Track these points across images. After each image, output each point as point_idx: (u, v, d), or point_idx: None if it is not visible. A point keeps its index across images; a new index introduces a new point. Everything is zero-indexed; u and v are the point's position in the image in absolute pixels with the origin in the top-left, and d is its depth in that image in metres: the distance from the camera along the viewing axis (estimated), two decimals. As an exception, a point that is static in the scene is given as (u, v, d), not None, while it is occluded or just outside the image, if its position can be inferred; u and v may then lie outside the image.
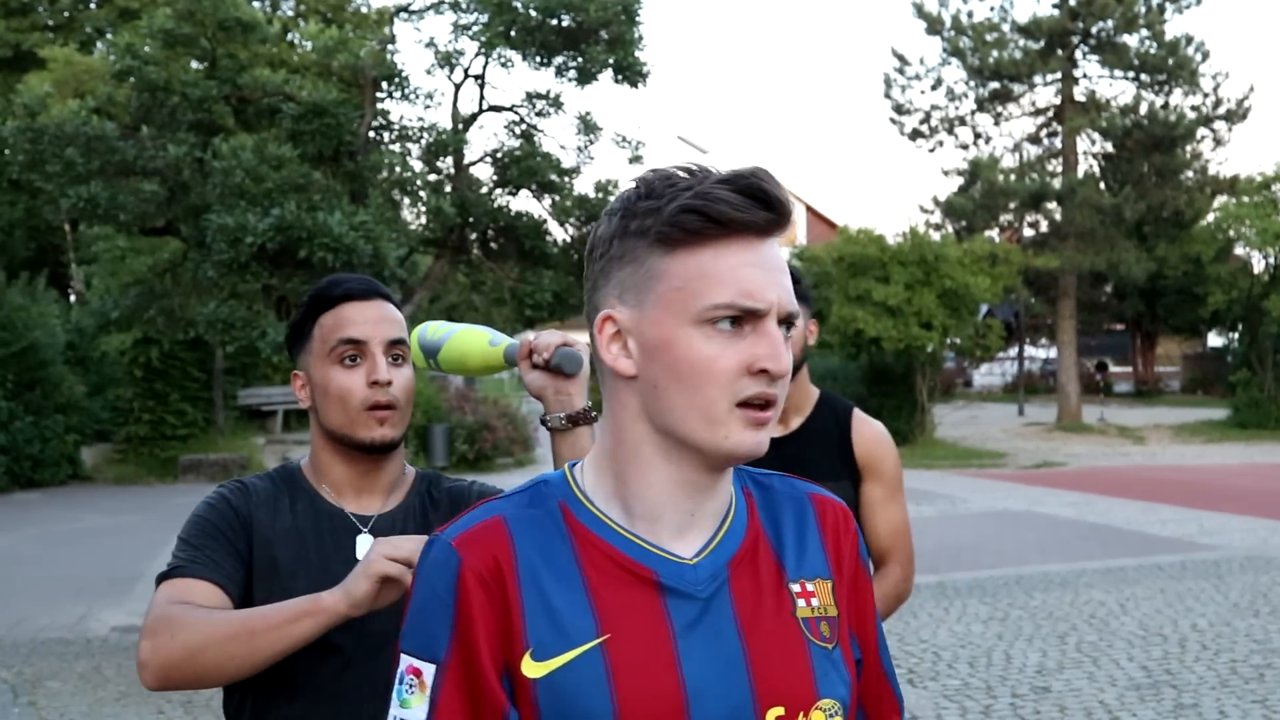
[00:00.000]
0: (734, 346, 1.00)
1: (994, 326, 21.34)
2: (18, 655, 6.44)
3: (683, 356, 1.01)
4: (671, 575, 1.04)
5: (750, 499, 1.13)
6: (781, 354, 1.00)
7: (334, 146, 8.19)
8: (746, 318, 1.00)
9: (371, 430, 1.63)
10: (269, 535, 1.63)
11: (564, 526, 1.05)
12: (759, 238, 1.01)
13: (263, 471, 1.76)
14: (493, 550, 1.02)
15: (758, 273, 1.00)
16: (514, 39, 8.46)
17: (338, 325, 1.64)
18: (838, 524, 1.15)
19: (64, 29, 21.64)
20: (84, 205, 8.00)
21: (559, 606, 1.01)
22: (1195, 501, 12.70)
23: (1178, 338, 37.60)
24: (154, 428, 16.23)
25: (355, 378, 1.63)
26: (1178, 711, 5.23)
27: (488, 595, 1.01)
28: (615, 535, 1.05)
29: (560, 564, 1.03)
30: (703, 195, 0.99)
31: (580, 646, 1.00)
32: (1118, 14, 23.96)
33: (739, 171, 1.01)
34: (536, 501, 1.07)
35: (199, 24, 8.16)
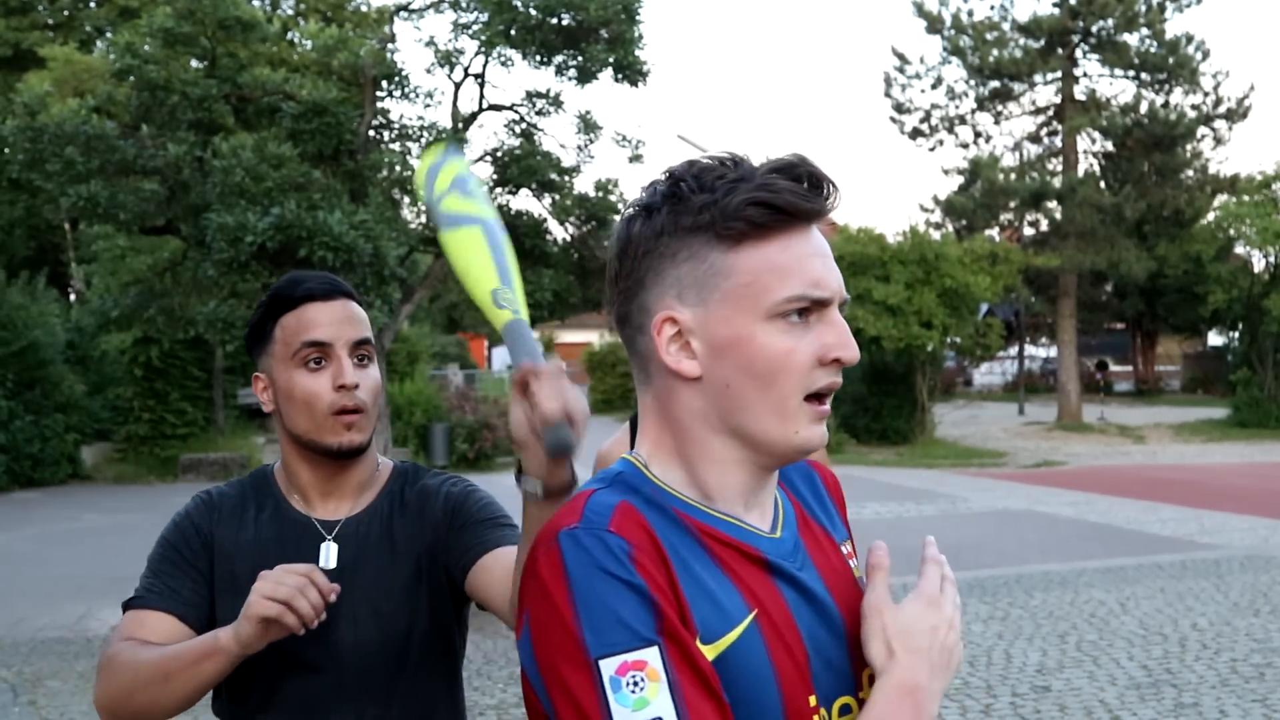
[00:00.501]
0: (805, 338, 0.99)
1: (994, 326, 21.34)
2: (18, 654, 6.44)
3: (758, 353, 0.99)
4: (771, 550, 1.04)
5: None
6: (851, 340, 1.01)
7: (334, 145, 8.19)
8: (813, 308, 1.00)
9: (339, 435, 1.58)
10: (231, 549, 1.60)
11: (671, 510, 1.02)
12: (810, 225, 1.01)
13: (235, 478, 1.74)
14: (646, 532, 0.96)
15: (820, 262, 1.00)
16: (514, 38, 8.46)
17: (300, 327, 1.58)
18: (835, 485, 1.22)
19: (64, 28, 21.64)
20: (84, 204, 8.00)
21: (712, 587, 0.98)
22: (1195, 501, 12.70)
23: (1178, 337, 37.61)
24: (154, 427, 16.23)
25: (320, 381, 1.57)
26: (1178, 710, 5.23)
27: (663, 578, 0.94)
28: (713, 518, 1.03)
29: (691, 544, 1.00)
30: (767, 187, 0.97)
31: (740, 624, 0.98)
32: (1118, 13, 23.96)
33: (785, 160, 1.00)
34: (630, 489, 1.02)
35: (199, 23, 8.16)
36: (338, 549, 1.62)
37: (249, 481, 1.70)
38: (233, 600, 1.55)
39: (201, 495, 1.68)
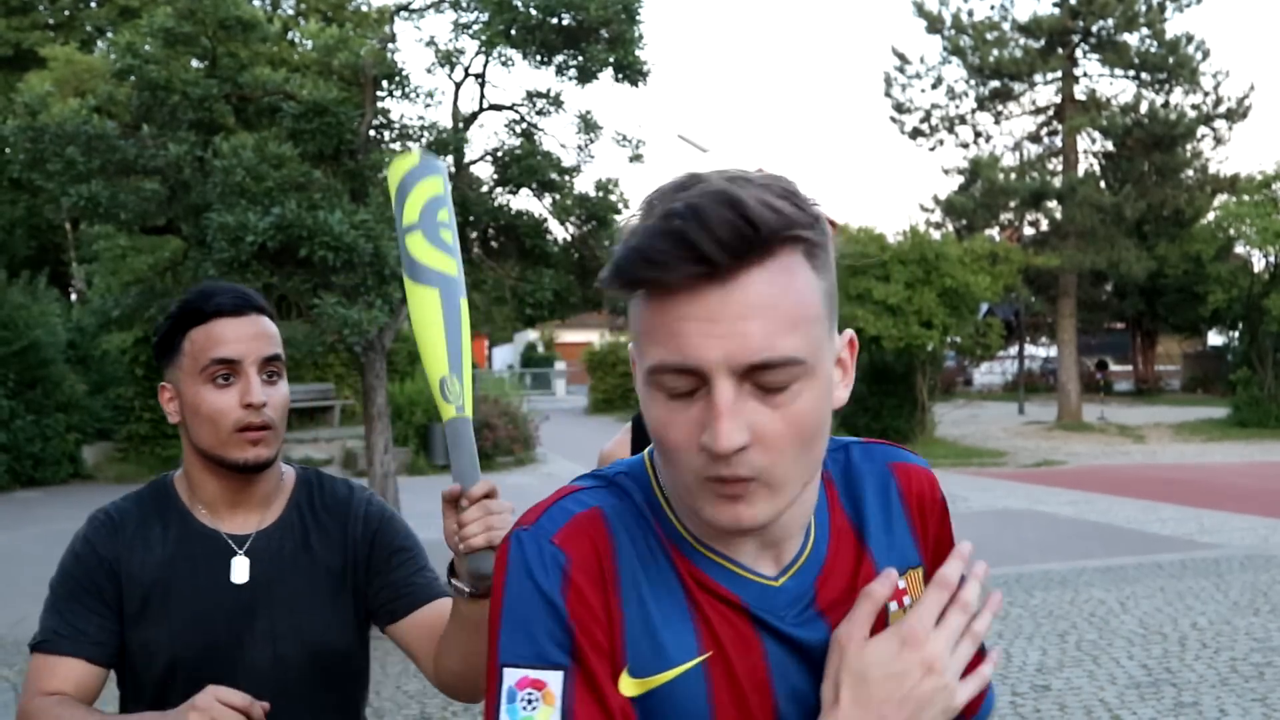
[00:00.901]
0: (685, 414, 0.86)
1: (994, 325, 21.34)
2: (19, 654, 6.44)
3: (649, 418, 0.89)
4: (756, 599, 0.94)
5: (830, 486, 1.02)
6: (722, 429, 0.83)
7: (334, 145, 8.19)
8: (695, 381, 0.86)
9: (244, 451, 1.56)
10: (138, 573, 1.57)
11: (655, 529, 0.95)
12: (703, 284, 0.84)
13: (132, 491, 1.70)
14: (597, 548, 0.92)
15: (696, 326, 0.84)
16: (514, 38, 8.46)
17: (209, 343, 1.56)
18: (923, 495, 1.04)
19: (64, 28, 21.65)
20: (85, 204, 8.00)
21: (659, 619, 0.92)
22: (1195, 500, 12.71)
23: (1178, 336, 37.60)
24: (155, 426, 16.24)
25: (227, 398, 1.56)
26: (1177, 709, 5.23)
27: (597, 599, 0.91)
28: (696, 553, 0.95)
29: (658, 570, 0.93)
30: (628, 249, 0.85)
31: (682, 665, 0.91)
32: (1118, 13, 23.97)
33: (676, 208, 0.84)
34: (624, 494, 0.97)
35: (199, 23, 8.16)
36: (249, 563, 1.60)
37: (148, 495, 1.66)
38: (147, 626, 1.55)
39: (99, 517, 1.63)
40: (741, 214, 0.82)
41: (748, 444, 0.85)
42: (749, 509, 0.87)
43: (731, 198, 0.83)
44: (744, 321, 0.83)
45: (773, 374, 0.84)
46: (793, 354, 0.84)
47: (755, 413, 0.85)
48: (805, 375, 0.86)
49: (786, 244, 0.85)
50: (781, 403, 0.86)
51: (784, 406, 0.86)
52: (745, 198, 0.83)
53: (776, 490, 0.88)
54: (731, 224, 0.82)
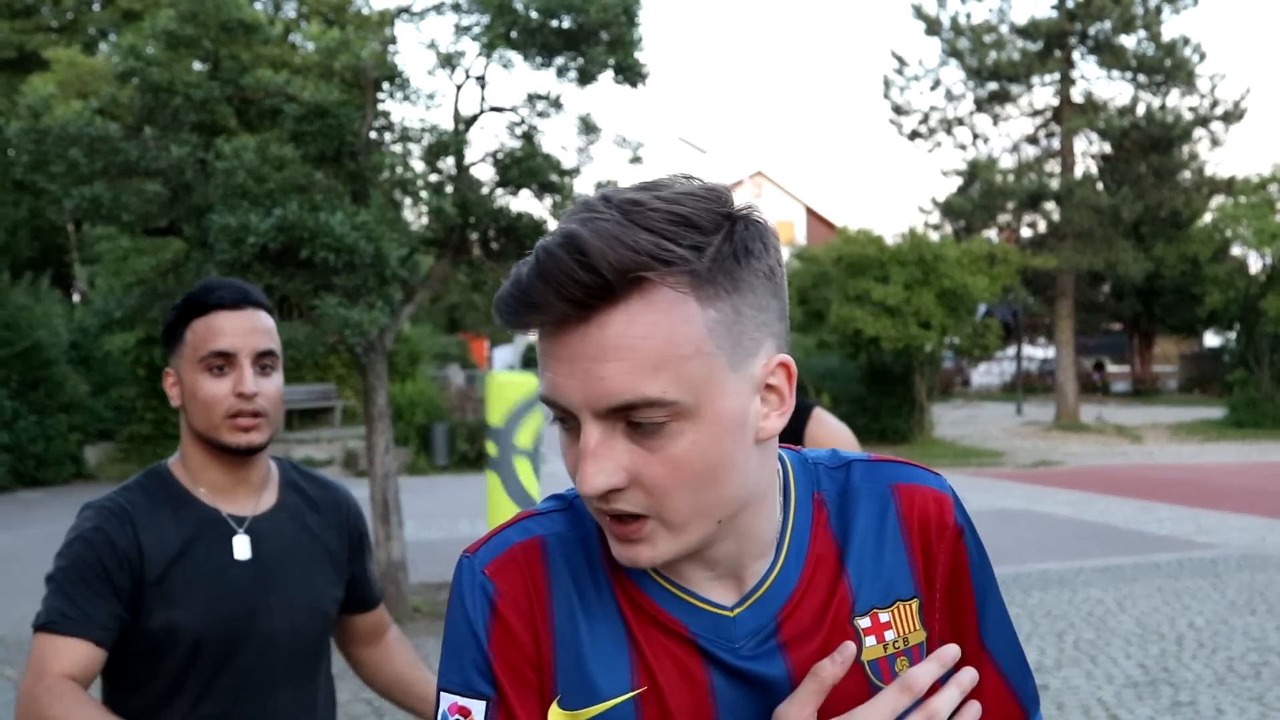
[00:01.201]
0: (571, 450, 0.85)
1: (992, 326, 21.39)
2: (21, 653, 6.48)
3: None
4: (706, 630, 0.90)
5: (820, 508, 0.95)
6: (587, 471, 0.81)
7: (336, 147, 8.22)
8: (567, 418, 0.84)
9: (236, 436, 1.67)
10: (156, 559, 1.64)
11: (600, 556, 0.92)
12: (562, 326, 0.81)
13: (126, 481, 1.76)
14: (527, 580, 0.91)
15: (560, 367, 0.82)
16: (515, 40, 8.49)
17: (208, 335, 1.67)
18: (927, 520, 0.95)
19: (67, 30, 21.66)
20: (87, 205, 8.03)
21: (592, 652, 0.90)
22: (1192, 500, 12.75)
23: (1175, 337, 37.67)
24: (157, 427, 16.26)
25: (222, 386, 1.66)
26: (1175, 709, 5.27)
27: (523, 630, 0.90)
28: (646, 580, 0.91)
29: (597, 600, 0.91)
30: (505, 288, 0.84)
31: (611, 699, 0.89)
32: (1115, 15, 24.02)
33: (526, 256, 0.83)
34: (575, 522, 0.94)
35: (201, 25, 8.19)
36: (249, 541, 1.71)
37: (149, 485, 1.72)
38: (169, 609, 1.63)
39: (105, 508, 1.66)
40: (581, 260, 0.78)
41: (621, 485, 0.82)
42: (649, 549, 0.84)
43: (574, 243, 0.78)
44: (600, 364, 0.80)
45: (640, 414, 0.80)
46: (657, 396, 0.80)
47: (629, 454, 0.82)
48: (683, 416, 0.81)
49: (639, 286, 0.79)
50: (657, 445, 0.81)
51: (661, 449, 0.81)
52: (588, 241, 0.78)
53: (676, 529, 0.84)
54: (568, 273, 0.78)
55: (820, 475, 0.96)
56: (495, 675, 0.90)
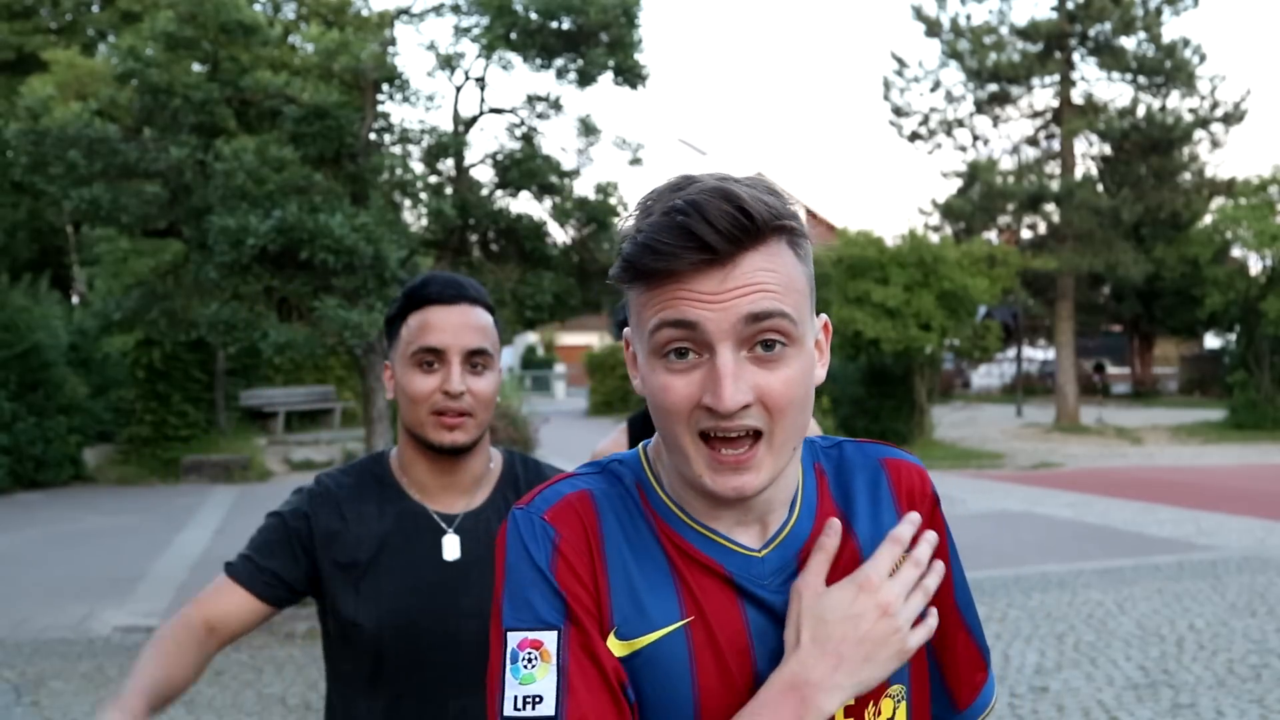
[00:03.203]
0: (686, 378, 0.97)
1: (992, 328, 21.38)
2: (20, 655, 6.46)
3: (648, 386, 1.00)
4: (739, 568, 1.02)
5: (822, 476, 1.10)
6: (723, 391, 0.94)
7: (335, 148, 8.21)
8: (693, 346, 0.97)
9: (440, 434, 1.68)
10: (352, 548, 1.69)
11: (642, 509, 1.04)
12: (696, 269, 0.96)
13: (353, 461, 1.82)
14: (583, 523, 1.01)
15: (689, 296, 0.97)
16: (514, 41, 8.49)
17: (421, 330, 1.68)
18: (912, 487, 1.12)
19: (66, 32, 21.66)
20: (86, 207, 8.03)
21: (643, 587, 1.00)
22: (1192, 502, 12.74)
23: (1175, 339, 37.66)
24: (156, 428, 16.25)
25: (430, 383, 1.67)
26: (1175, 711, 5.26)
27: (584, 568, 1.00)
28: (683, 525, 1.03)
29: (644, 544, 1.02)
30: (635, 241, 0.97)
31: (665, 628, 0.99)
32: (1115, 16, 24.02)
33: (672, 204, 0.97)
34: (614, 480, 1.06)
35: (201, 27, 8.18)
36: (459, 540, 1.72)
37: (366, 470, 1.77)
38: (359, 600, 1.67)
39: (319, 488, 1.74)
40: (738, 206, 0.94)
41: (750, 401, 0.95)
42: (754, 475, 0.97)
43: (728, 193, 0.95)
44: (742, 291, 0.95)
45: (768, 328, 0.95)
46: (789, 311, 0.96)
47: (754, 375, 0.96)
48: (794, 342, 0.97)
49: (775, 232, 0.97)
50: (776, 367, 0.96)
51: (778, 370, 0.96)
52: (740, 192, 0.95)
53: (776, 451, 0.98)
54: (730, 215, 0.94)
55: (818, 452, 1.12)
56: (566, 606, 0.98)
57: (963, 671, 1.16)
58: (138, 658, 1.58)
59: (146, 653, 1.58)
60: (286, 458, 17.14)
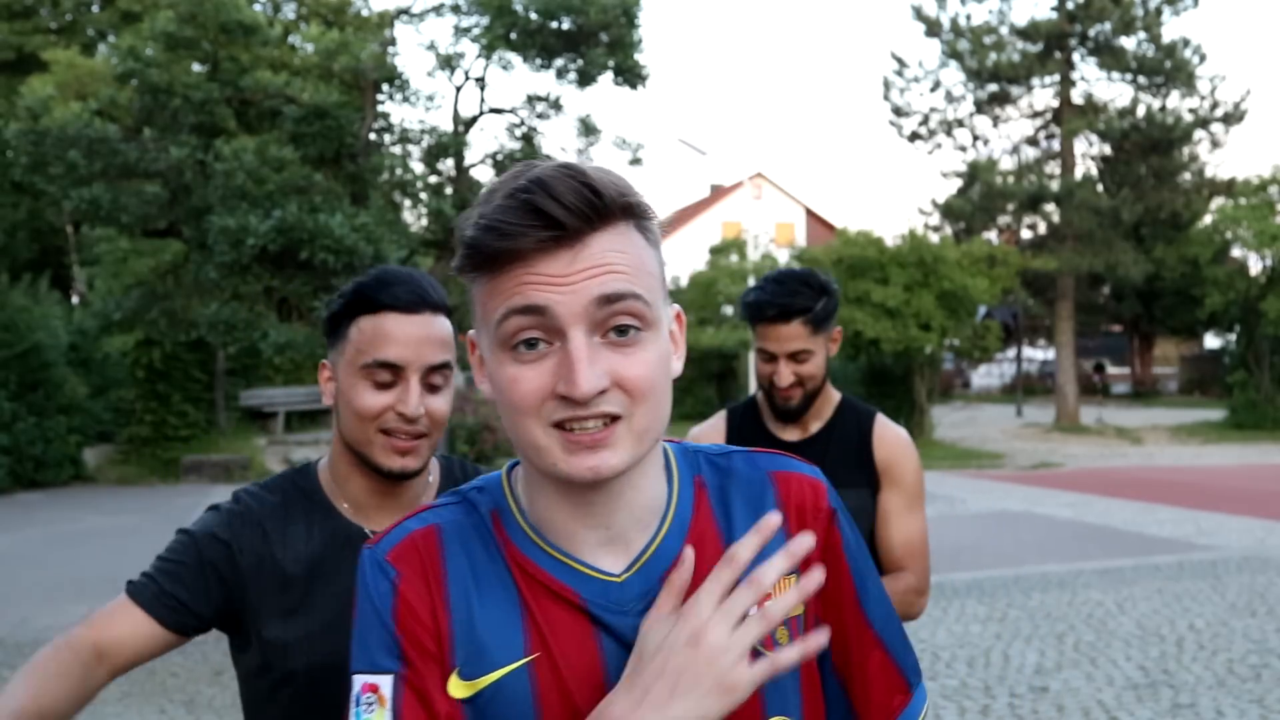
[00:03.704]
0: (535, 369, 0.91)
1: (992, 328, 21.39)
2: (21, 655, 6.46)
3: (496, 381, 0.94)
4: (596, 596, 0.96)
5: (701, 490, 1.03)
6: (579, 371, 0.89)
7: (335, 149, 8.23)
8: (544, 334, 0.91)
9: (390, 459, 1.49)
10: (274, 571, 1.51)
11: (495, 539, 0.99)
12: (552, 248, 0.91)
13: (274, 476, 1.63)
14: (424, 563, 0.98)
15: (536, 279, 0.92)
16: (514, 41, 8.50)
17: (375, 340, 1.46)
18: (803, 503, 1.03)
19: (66, 32, 21.68)
20: (86, 207, 8.04)
21: (487, 624, 0.96)
22: (1192, 502, 12.74)
23: (1175, 339, 37.68)
24: (156, 429, 16.25)
25: (382, 400, 1.47)
26: (1175, 711, 5.26)
27: (424, 608, 0.96)
28: (539, 552, 0.98)
29: (491, 578, 0.98)
30: (476, 224, 0.92)
31: (506, 666, 0.95)
32: (1115, 16, 24.03)
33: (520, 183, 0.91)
34: (471, 509, 1.01)
35: (201, 27, 8.19)
36: None
37: (290, 486, 1.57)
38: (285, 625, 1.49)
39: (239, 506, 1.54)
40: (585, 183, 0.90)
41: (607, 386, 0.90)
42: (612, 454, 0.91)
43: (574, 170, 0.91)
44: (592, 272, 0.90)
45: (621, 310, 0.90)
46: (642, 293, 0.91)
47: (609, 360, 0.91)
48: (649, 326, 0.92)
49: (624, 213, 0.93)
50: (632, 351, 0.91)
51: (635, 354, 0.91)
52: (588, 170, 0.92)
53: (637, 435, 0.92)
54: (577, 190, 0.89)
55: (701, 462, 1.05)
56: (401, 650, 0.96)
57: (875, 694, 1.06)
58: (9, 679, 1.38)
59: (19, 676, 1.35)
60: (286, 458, 17.15)
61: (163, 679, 5.98)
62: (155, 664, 6.28)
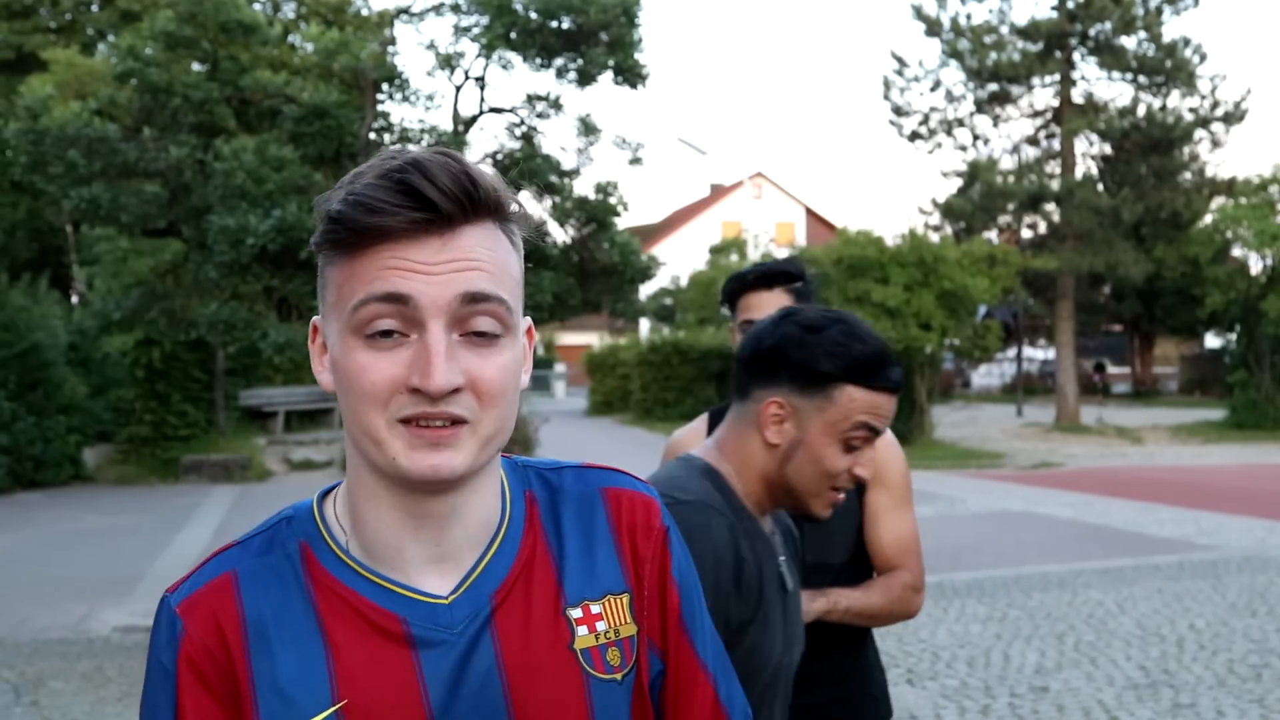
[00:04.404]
0: (389, 358, 0.88)
1: (992, 327, 21.38)
2: (20, 655, 6.46)
3: (341, 369, 0.90)
4: (421, 620, 0.92)
5: (532, 505, 1.00)
6: (436, 365, 0.86)
7: (335, 148, 8.22)
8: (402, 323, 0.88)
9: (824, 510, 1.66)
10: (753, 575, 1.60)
11: (302, 574, 0.94)
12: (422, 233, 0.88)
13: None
14: (217, 615, 0.93)
15: (402, 266, 0.88)
16: (514, 41, 8.49)
17: (868, 409, 1.56)
18: (634, 521, 1.01)
19: (66, 31, 21.67)
20: (86, 206, 8.04)
21: (290, 673, 0.91)
22: (1193, 502, 12.73)
23: (1175, 339, 37.67)
24: (156, 428, 16.25)
25: (845, 462, 1.59)
26: (1175, 711, 5.26)
27: (211, 667, 0.92)
28: (357, 579, 0.94)
29: (295, 621, 0.93)
30: (341, 199, 0.89)
31: (314, 716, 0.90)
32: (1116, 16, 24.01)
33: (394, 164, 0.89)
34: (275, 545, 0.96)
35: (200, 26, 8.19)
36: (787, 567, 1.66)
37: (717, 493, 1.63)
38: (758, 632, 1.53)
39: (722, 515, 1.55)
40: (463, 171, 0.89)
41: (462, 385, 0.87)
42: (455, 454, 0.88)
43: (454, 156, 0.90)
44: (462, 265, 0.88)
45: (484, 311, 0.88)
46: (505, 296, 0.89)
47: (465, 359, 0.88)
48: (507, 331, 0.90)
49: (496, 213, 0.91)
50: (489, 355, 0.89)
51: (491, 359, 0.89)
52: (467, 162, 0.90)
53: (483, 440, 0.90)
54: (455, 176, 0.88)
55: (531, 477, 1.02)
56: (182, 710, 0.92)
57: None
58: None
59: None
60: (286, 457, 17.14)
61: (162, 679, 5.98)
62: (154, 664, 6.27)
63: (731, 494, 1.58)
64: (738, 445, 1.62)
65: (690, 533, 1.36)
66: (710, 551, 1.46)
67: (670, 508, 1.32)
